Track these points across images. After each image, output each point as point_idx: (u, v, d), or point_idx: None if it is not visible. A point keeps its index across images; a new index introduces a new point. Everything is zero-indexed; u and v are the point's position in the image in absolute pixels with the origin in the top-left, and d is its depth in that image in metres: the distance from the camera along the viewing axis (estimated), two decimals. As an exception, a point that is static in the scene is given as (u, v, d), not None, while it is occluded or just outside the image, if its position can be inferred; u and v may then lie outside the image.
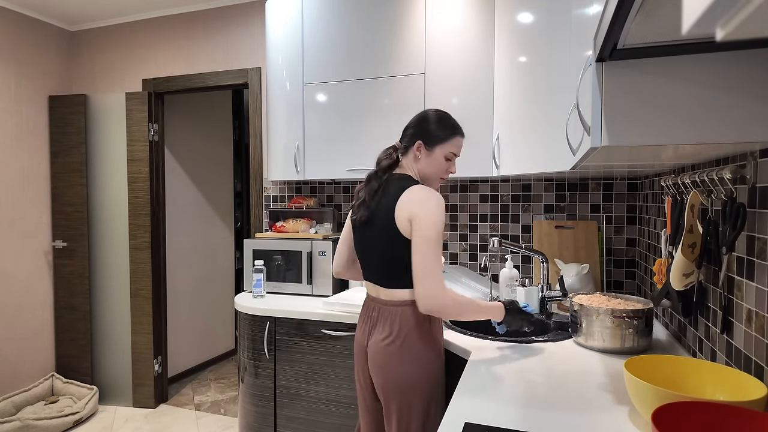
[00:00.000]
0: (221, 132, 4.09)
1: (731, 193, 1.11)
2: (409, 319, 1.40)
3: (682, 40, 0.79)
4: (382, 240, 1.40)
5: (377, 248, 1.43)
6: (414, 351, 1.39)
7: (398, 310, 1.41)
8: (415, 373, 1.38)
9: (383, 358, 1.40)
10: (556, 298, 1.87)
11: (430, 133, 1.45)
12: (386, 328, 1.41)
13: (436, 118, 1.47)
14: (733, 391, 0.99)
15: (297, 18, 2.37)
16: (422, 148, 1.45)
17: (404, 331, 1.39)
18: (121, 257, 3.16)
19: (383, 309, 1.44)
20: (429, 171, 1.47)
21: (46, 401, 3.06)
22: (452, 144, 1.47)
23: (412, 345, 1.39)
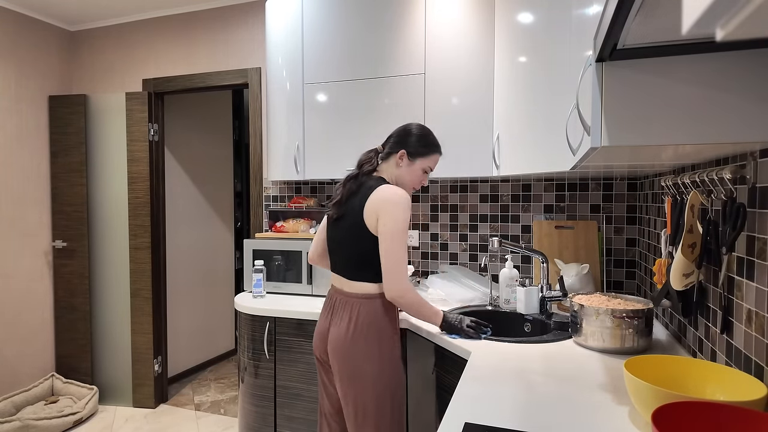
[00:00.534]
0: (221, 132, 4.09)
1: (731, 193, 1.11)
2: (368, 312, 1.51)
3: (682, 40, 0.79)
4: (351, 235, 1.53)
5: (346, 243, 1.56)
6: (371, 343, 1.50)
7: (360, 302, 1.52)
8: (370, 364, 1.49)
9: (342, 346, 1.51)
10: (556, 298, 1.87)
11: (415, 145, 1.59)
12: (345, 318, 1.53)
13: (422, 134, 1.62)
14: (733, 391, 0.99)
15: (297, 18, 2.37)
16: (405, 158, 1.59)
17: (363, 323, 1.50)
18: (121, 257, 3.16)
19: (346, 300, 1.55)
20: (407, 179, 1.61)
21: (46, 401, 3.06)
22: (431, 159, 1.63)
23: (370, 337, 1.50)
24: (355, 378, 1.49)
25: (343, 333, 1.51)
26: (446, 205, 2.52)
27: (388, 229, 1.44)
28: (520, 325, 1.93)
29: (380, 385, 1.48)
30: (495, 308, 2.01)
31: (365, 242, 1.49)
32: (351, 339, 1.50)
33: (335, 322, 1.55)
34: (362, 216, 1.49)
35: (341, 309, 1.55)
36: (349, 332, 1.50)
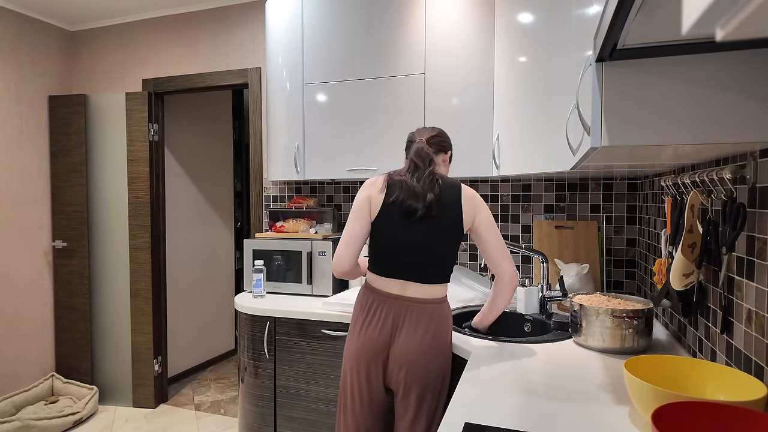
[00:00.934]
0: (221, 132, 4.09)
1: (731, 193, 1.11)
2: (442, 318, 1.48)
3: (682, 40, 0.79)
4: (446, 235, 1.46)
5: (435, 243, 1.45)
6: (445, 346, 1.48)
7: (433, 308, 1.47)
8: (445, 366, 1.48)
9: (419, 357, 1.43)
10: (556, 298, 1.87)
11: (451, 149, 1.67)
12: (420, 328, 1.44)
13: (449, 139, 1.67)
14: (733, 391, 0.99)
15: (297, 18, 2.37)
16: (447, 159, 1.64)
17: (439, 331, 1.46)
18: (121, 257, 3.17)
19: (415, 308, 1.45)
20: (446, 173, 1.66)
21: (46, 401, 3.06)
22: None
23: (444, 340, 1.47)
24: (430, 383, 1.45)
25: (417, 343, 1.43)
26: (446, 205, 2.52)
27: (490, 222, 1.50)
28: (520, 325, 1.93)
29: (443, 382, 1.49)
30: (495, 308, 2.01)
31: (457, 242, 1.49)
32: (428, 349, 1.43)
33: (405, 333, 1.44)
34: (462, 215, 1.46)
35: (411, 317, 1.44)
36: (425, 342, 1.43)
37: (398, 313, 1.45)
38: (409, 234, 1.45)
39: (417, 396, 1.44)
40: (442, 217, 1.45)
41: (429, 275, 1.46)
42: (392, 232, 1.46)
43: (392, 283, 1.48)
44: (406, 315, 1.45)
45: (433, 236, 1.45)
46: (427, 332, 1.43)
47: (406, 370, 1.43)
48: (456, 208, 1.46)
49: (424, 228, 1.45)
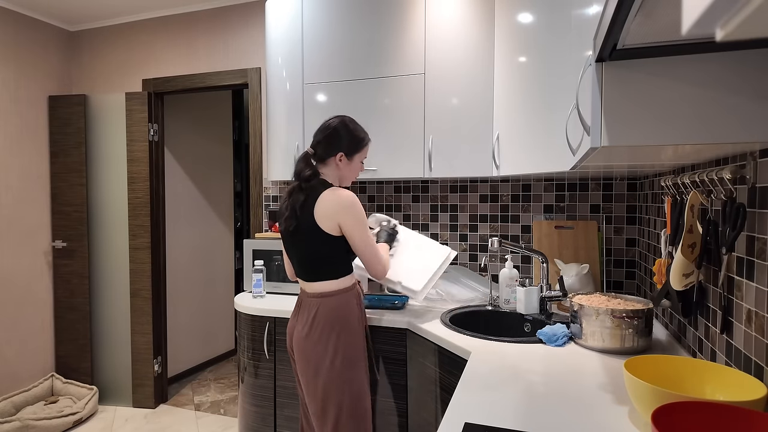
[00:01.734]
0: (221, 132, 4.09)
1: (731, 193, 1.11)
2: (326, 310, 1.60)
3: (682, 40, 0.79)
4: (307, 240, 1.60)
5: (302, 249, 1.63)
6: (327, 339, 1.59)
7: (318, 301, 1.62)
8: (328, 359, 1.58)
9: (301, 343, 1.62)
10: (556, 298, 1.87)
11: (348, 145, 1.66)
12: (305, 317, 1.63)
13: (352, 130, 1.68)
14: (733, 391, 0.99)
15: (297, 18, 2.37)
16: (343, 158, 1.67)
17: (319, 321, 1.60)
18: (121, 257, 3.16)
19: (307, 301, 1.65)
20: (348, 175, 1.71)
21: (45, 401, 3.06)
22: (365, 151, 1.74)
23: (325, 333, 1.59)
24: (314, 373, 1.59)
25: (303, 330, 1.62)
26: (446, 205, 2.52)
27: (356, 228, 1.58)
28: (520, 325, 1.93)
29: (338, 379, 1.57)
30: (495, 308, 2.01)
31: (321, 245, 1.59)
32: (308, 336, 1.60)
33: (299, 321, 1.65)
34: (314, 220, 1.56)
35: (304, 309, 1.65)
36: (306, 329, 1.61)
37: (300, 304, 1.69)
38: (288, 246, 1.69)
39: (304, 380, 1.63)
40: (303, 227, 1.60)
41: (309, 275, 1.65)
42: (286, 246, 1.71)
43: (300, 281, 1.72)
44: (302, 306, 1.67)
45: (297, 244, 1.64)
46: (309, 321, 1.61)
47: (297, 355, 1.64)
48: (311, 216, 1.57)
49: (294, 238, 1.64)
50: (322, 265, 1.63)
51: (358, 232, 1.58)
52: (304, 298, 1.68)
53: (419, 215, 2.57)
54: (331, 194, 1.58)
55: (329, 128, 1.66)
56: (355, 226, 1.58)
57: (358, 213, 1.58)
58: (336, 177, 1.68)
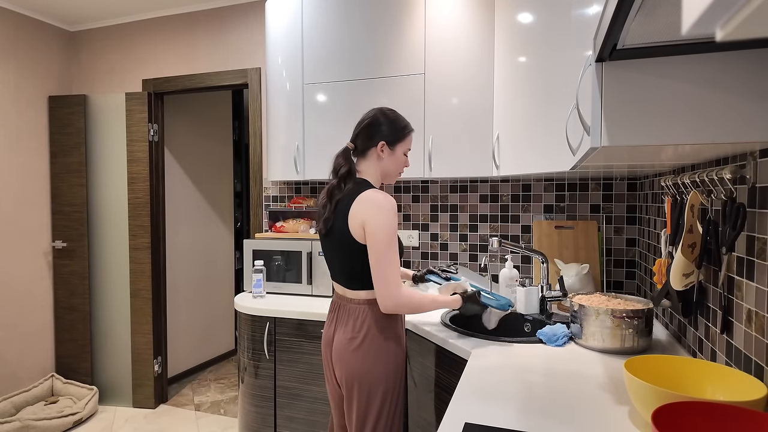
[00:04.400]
0: (221, 132, 4.09)
1: (731, 193, 1.11)
2: (369, 317, 1.47)
3: (682, 40, 0.79)
4: (341, 249, 1.48)
5: (337, 256, 1.51)
6: (374, 347, 1.46)
7: (360, 308, 1.49)
8: (373, 369, 1.45)
9: (346, 353, 1.47)
10: (556, 298, 1.87)
11: (390, 132, 1.53)
12: (349, 326, 1.49)
13: (392, 118, 1.55)
14: (733, 391, 0.99)
15: (297, 18, 2.37)
16: (385, 148, 1.53)
17: (365, 329, 1.47)
18: (120, 257, 3.16)
19: (348, 307, 1.51)
20: (392, 168, 1.56)
21: (45, 402, 3.06)
22: (409, 140, 1.58)
23: (372, 342, 1.46)
24: (359, 383, 1.46)
25: (348, 339, 1.47)
26: (446, 205, 2.52)
27: (379, 241, 1.39)
28: (520, 325, 1.93)
29: (381, 390, 1.46)
30: (495, 308, 2.01)
31: (355, 254, 1.44)
32: (354, 345, 1.46)
33: (339, 328, 1.51)
34: (347, 227, 1.43)
35: (345, 315, 1.51)
36: (354, 338, 1.47)
37: (339, 310, 1.54)
38: (324, 248, 1.58)
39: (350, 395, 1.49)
40: (336, 233, 1.48)
41: (347, 282, 1.51)
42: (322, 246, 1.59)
43: (335, 284, 1.59)
44: (342, 312, 1.52)
45: (333, 250, 1.52)
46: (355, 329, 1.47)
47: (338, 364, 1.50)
48: (344, 221, 1.44)
49: (330, 242, 1.53)
50: (362, 275, 1.46)
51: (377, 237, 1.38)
52: (343, 303, 1.52)
53: (419, 215, 2.57)
54: (368, 194, 1.42)
55: (367, 118, 1.54)
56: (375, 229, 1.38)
57: (384, 216, 1.39)
58: (378, 171, 1.54)
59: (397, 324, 1.53)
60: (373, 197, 1.41)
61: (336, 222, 1.47)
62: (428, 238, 2.55)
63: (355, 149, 1.54)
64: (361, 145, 1.53)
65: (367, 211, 1.40)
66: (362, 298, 1.49)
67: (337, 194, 1.49)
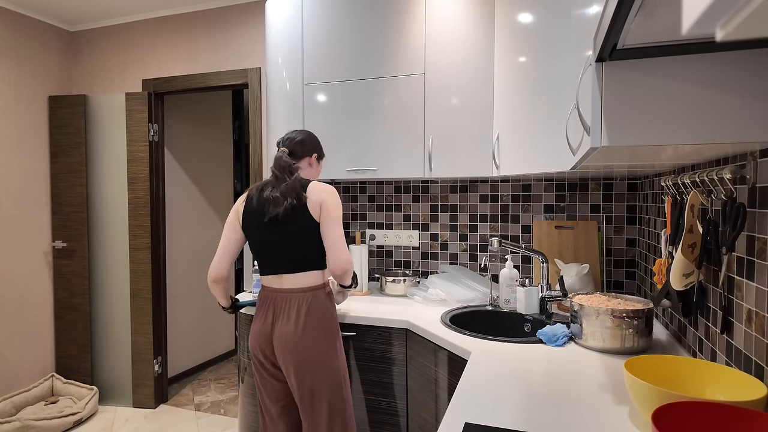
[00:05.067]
0: (221, 132, 4.09)
1: (731, 193, 1.11)
2: (315, 305, 1.64)
3: (682, 40, 0.79)
4: (300, 230, 1.65)
5: (293, 238, 1.65)
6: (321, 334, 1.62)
7: (304, 296, 1.63)
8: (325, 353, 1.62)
9: (293, 341, 1.60)
10: (556, 298, 1.87)
11: (320, 149, 1.89)
12: (292, 315, 1.62)
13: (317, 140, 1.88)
14: (733, 391, 0.99)
15: (297, 18, 2.37)
16: (314, 161, 1.86)
17: (312, 316, 1.62)
18: (121, 257, 3.16)
19: (288, 297, 1.64)
20: (316, 176, 1.88)
21: (46, 402, 3.06)
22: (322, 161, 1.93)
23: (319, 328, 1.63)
24: (311, 369, 1.60)
25: (292, 329, 1.61)
26: (446, 205, 2.52)
27: (333, 215, 1.64)
28: (520, 325, 1.93)
29: (334, 373, 1.62)
30: (495, 308, 2.01)
31: (312, 232, 1.64)
32: (302, 333, 1.60)
33: (280, 321, 1.63)
34: (307, 207, 1.64)
35: (284, 307, 1.64)
36: (299, 327, 1.60)
37: (274, 303, 1.66)
38: (264, 237, 1.69)
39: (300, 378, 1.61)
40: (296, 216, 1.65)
41: (295, 266, 1.65)
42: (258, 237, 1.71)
43: (268, 279, 1.71)
44: (280, 305, 1.65)
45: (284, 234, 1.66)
46: (300, 318, 1.61)
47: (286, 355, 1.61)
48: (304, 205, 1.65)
49: (279, 228, 1.67)
50: (311, 253, 1.66)
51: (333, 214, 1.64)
52: (279, 296, 1.66)
53: (419, 215, 2.57)
54: (319, 183, 1.70)
55: (302, 133, 1.83)
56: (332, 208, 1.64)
57: (337, 199, 1.69)
58: (306, 176, 1.81)
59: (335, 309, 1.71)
60: (324, 185, 1.69)
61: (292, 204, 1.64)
62: (428, 238, 2.55)
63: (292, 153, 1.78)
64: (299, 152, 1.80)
65: (323, 192, 1.66)
66: (303, 285, 1.65)
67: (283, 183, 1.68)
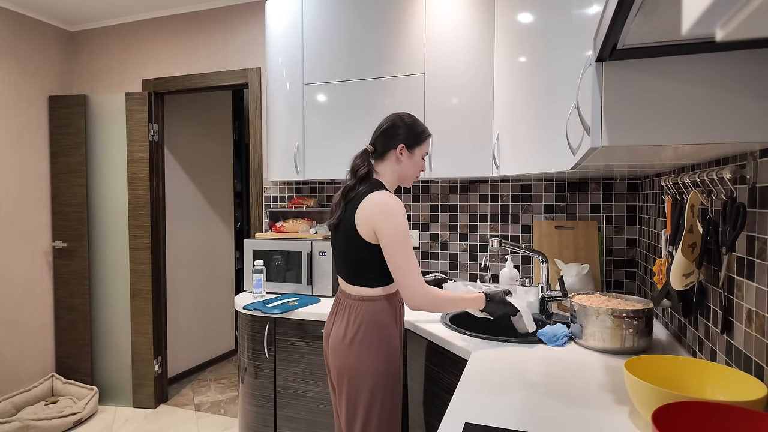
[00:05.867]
0: (221, 132, 4.09)
1: (731, 193, 1.11)
2: (363, 313, 1.50)
3: (682, 40, 0.79)
4: (346, 243, 1.52)
5: (341, 250, 1.55)
6: (365, 343, 1.48)
7: (357, 304, 1.51)
8: (364, 365, 1.48)
9: (339, 347, 1.51)
10: (556, 298, 1.87)
11: (409, 136, 1.56)
12: (344, 320, 1.52)
13: (411, 123, 1.58)
14: (733, 391, 0.99)
15: (297, 18, 2.37)
16: (404, 151, 1.55)
17: (358, 323, 1.49)
18: (121, 258, 3.16)
19: (346, 302, 1.55)
20: (410, 171, 1.59)
21: (46, 402, 3.06)
22: (427, 144, 1.61)
23: (365, 337, 1.49)
24: (349, 377, 1.49)
25: (342, 333, 1.51)
26: (446, 205, 2.52)
27: (391, 240, 1.42)
28: (520, 325, 1.93)
29: (370, 386, 1.47)
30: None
31: (360, 250, 1.49)
32: (347, 339, 1.49)
33: (337, 323, 1.55)
34: (354, 224, 1.47)
35: (343, 310, 1.55)
36: (347, 333, 1.50)
37: (338, 304, 1.59)
38: (332, 241, 1.62)
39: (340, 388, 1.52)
40: (342, 227, 1.53)
41: (348, 277, 1.55)
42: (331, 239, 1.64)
43: (340, 279, 1.61)
44: (341, 307, 1.57)
45: (338, 243, 1.57)
46: (350, 324, 1.50)
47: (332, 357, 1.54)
48: (352, 218, 1.49)
49: (336, 236, 1.58)
50: (362, 271, 1.51)
51: (391, 241, 1.42)
52: (343, 298, 1.57)
53: (419, 215, 2.57)
54: (378, 196, 1.46)
55: (387, 122, 1.58)
56: (388, 234, 1.42)
57: (395, 220, 1.43)
58: (396, 174, 1.57)
59: (392, 322, 1.54)
60: (383, 199, 1.45)
61: (345, 216, 1.52)
62: (428, 238, 2.55)
63: (374, 151, 1.57)
64: (380, 147, 1.56)
65: (378, 214, 1.44)
66: (359, 294, 1.52)
67: (351, 194, 1.53)
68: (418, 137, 1.57)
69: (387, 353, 1.50)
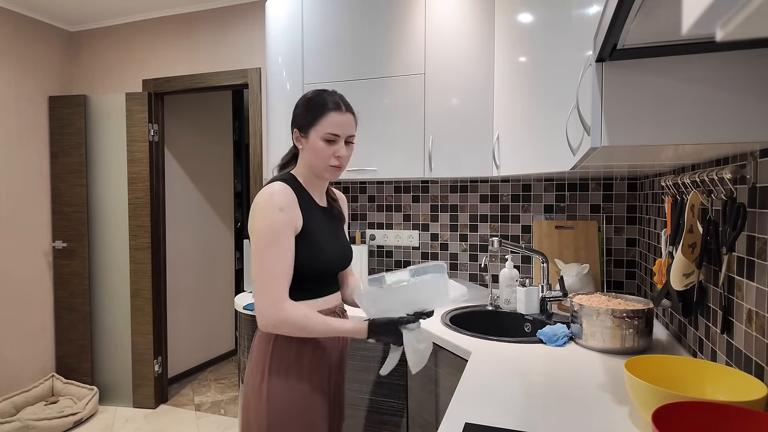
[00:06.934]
0: (221, 132, 4.09)
1: (731, 193, 1.11)
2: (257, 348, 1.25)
3: (682, 40, 0.79)
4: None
5: None
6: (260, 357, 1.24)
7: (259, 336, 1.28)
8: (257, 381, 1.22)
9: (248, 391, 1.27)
10: (556, 298, 1.87)
11: (300, 118, 1.28)
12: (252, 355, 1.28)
13: (304, 100, 1.30)
14: (733, 391, 0.99)
15: (297, 18, 2.37)
16: (300, 137, 1.29)
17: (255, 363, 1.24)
18: (121, 258, 3.16)
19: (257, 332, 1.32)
20: (315, 161, 1.27)
21: (46, 402, 3.06)
22: (326, 123, 1.24)
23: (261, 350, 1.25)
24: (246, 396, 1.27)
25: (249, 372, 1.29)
26: (446, 205, 2.52)
27: (252, 242, 1.18)
28: (520, 325, 1.93)
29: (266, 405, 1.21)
30: (495, 308, 2.01)
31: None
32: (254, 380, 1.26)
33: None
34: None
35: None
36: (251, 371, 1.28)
37: None
38: None
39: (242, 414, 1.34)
40: None
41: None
42: None
43: None
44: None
45: None
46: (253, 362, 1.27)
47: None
48: None
49: None
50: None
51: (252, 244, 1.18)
52: None
53: (419, 215, 2.57)
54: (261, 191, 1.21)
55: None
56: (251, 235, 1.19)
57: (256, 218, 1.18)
58: (305, 165, 1.30)
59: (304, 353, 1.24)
60: (258, 195, 1.20)
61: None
62: (428, 238, 2.55)
63: None
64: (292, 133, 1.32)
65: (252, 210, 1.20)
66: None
67: None
68: (309, 116, 1.25)
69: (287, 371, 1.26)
